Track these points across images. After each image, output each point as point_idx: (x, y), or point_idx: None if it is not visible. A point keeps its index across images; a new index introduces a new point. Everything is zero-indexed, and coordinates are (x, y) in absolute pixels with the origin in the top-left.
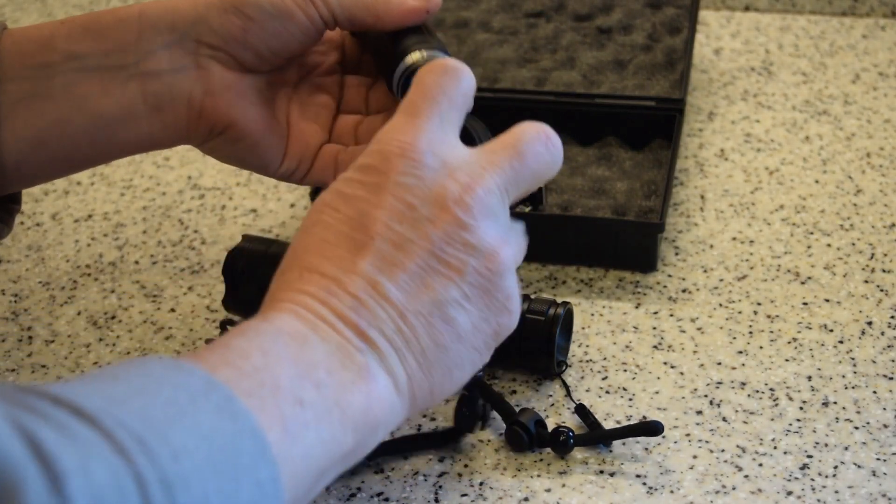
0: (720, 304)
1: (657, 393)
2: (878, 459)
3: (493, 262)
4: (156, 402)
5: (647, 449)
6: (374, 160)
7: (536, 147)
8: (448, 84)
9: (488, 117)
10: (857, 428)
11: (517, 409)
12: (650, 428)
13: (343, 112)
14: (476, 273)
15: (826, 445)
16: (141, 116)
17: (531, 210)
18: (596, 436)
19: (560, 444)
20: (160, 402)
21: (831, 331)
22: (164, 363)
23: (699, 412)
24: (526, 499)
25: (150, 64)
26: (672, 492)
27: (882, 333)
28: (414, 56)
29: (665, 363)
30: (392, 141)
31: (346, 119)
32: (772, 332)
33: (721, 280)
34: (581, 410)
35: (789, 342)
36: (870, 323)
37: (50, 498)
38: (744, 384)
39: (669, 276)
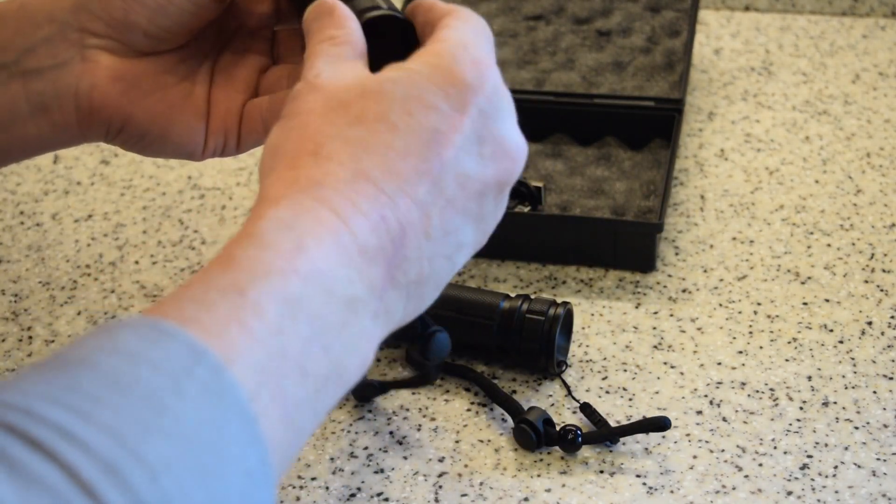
0: (720, 304)
1: (657, 393)
2: (878, 459)
3: (502, 213)
4: (130, 399)
5: (647, 449)
6: (461, 71)
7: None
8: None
9: None
10: (857, 428)
11: (525, 409)
12: (658, 423)
13: (278, 65)
14: (493, 222)
15: (826, 445)
16: (26, 118)
17: (530, 210)
18: (604, 433)
19: (569, 442)
20: (136, 399)
21: (831, 331)
22: (140, 333)
23: (699, 412)
24: (526, 499)
25: (30, 61)
26: (672, 492)
27: (882, 333)
28: None
29: (665, 363)
30: (482, 59)
31: (277, 70)
32: (772, 332)
33: (721, 280)
34: (586, 409)
35: (789, 342)
36: (870, 323)
37: None
38: (744, 384)
39: (669, 276)
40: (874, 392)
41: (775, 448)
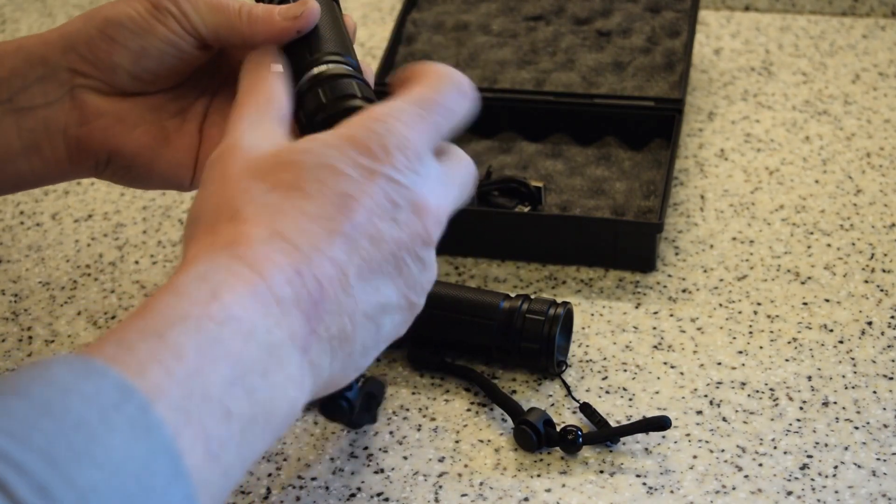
0: (720, 304)
1: (657, 393)
2: (878, 459)
3: (432, 278)
4: (62, 426)
5: (647, 449)
6: (371, 141)
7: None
8: (460, 101)
9: (487, 118)
10: (857, 428)
11: (525, 409)
12: (658, 423)
13: None
14: (418, 286)
15: (826, 445)
16: (18, 155)
17: (530, 210)
18: (604, 434)
19: (569, 443)
20: (68, 427)
21: (831, 331)
22: (72, 367)
23: (699, 412)
24: (526, 499)
25: (23, 99)
26: (672, 492)
27: (882, 333)
28: (316, 70)
29: (665, 363)
30: (395, 130)
31: None
32: (772, 332)
33: (721, 280)
34: (586, 409)
35: (789, 342)
36: (870, 323)
37: None
38: (744, 384)
39: (669, 276)
40: (874, 392)
41: (775, 448)
